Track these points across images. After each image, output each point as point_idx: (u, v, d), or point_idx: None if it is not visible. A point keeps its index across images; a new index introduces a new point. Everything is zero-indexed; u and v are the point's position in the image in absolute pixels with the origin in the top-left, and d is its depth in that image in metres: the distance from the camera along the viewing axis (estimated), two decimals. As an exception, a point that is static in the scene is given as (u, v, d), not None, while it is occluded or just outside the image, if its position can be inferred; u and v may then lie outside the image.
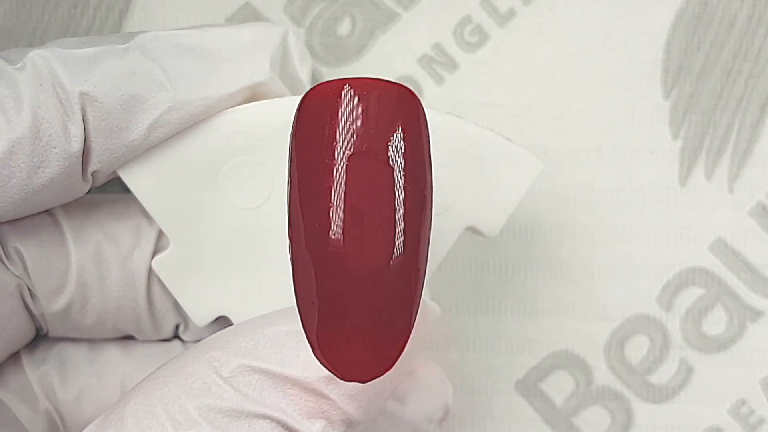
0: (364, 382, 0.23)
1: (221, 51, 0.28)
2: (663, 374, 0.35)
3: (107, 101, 0.26)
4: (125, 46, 0.27)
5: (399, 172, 0.22)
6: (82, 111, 0.26)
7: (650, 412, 0.35)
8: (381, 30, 0.35)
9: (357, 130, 0.22)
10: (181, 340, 0.31)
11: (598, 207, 0.35)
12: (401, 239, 0.22)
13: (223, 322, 0.29)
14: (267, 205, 0.28)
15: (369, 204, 0.22)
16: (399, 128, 0.22)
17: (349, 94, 0.22)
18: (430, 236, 0.23)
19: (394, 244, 0.22)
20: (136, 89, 0.27)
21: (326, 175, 0.22)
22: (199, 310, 0.29)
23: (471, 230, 0.30)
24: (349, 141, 0.22)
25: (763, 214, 0.35)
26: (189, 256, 0.29)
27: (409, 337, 0.23)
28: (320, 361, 0.23)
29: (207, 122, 0.28)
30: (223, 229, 0.29)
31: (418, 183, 0.23)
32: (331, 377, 0.25)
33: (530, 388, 0.35)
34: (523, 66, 0.35)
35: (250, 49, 0.28)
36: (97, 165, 0.27)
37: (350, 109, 0.22)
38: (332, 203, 0.22)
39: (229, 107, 0.28)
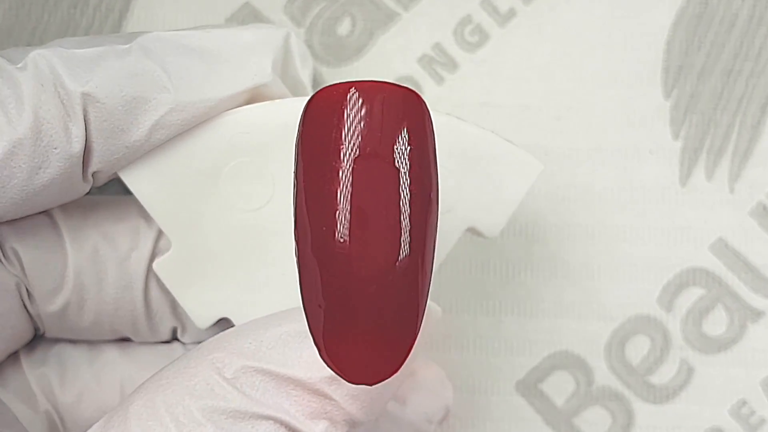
0: (371, 385, 0.23)
1: (223, 52, 0.28)
2: (663, 375, 0.35)
3: (109, 102, 0.26)
4: (127, 46, 0.27)
5: (405, 175, 0.22)
6: (84, 111, 0.26)
7: (651, 412, 0.35)
8: (381, 30, 0.35)
9: (363, 133, 0.22)
10: (181, 342, 0.31)
11: (599, 207, 0.35)
12: (407, 241, 0.22)
13: (223, 324, 0.29)
14: (268, 207, 0.28)
15: (375, 206, 0.22)
16: (405, 131, 0.22)
17: (355, 96, 0.22)
18: (436, 238, 0.23)
19: (400, 246, 0.22)
20: (137, 90, 0.27)
21: (332, 178, 0.22)
22: (201, 312, 0.29)
23: (472, 231, 0.30)
24: (355, 143, 0.22)
25: (764, 214, 0.35)
26: (190, 257, 0.29)
27: (415, 340, 0.23)
28: (327, 364, 0.23)
29: (208, 123, 0.28)
30: (225, 231, 0.29)
31: (424, 185, 0.23)
32: (334, 378, 0.25)
33: (531, 388, 0.35)
34: (524, 66, 0.35)
35: (252, 50, 0.28)
36: (98, 166, 0.27)
37: (356, 112, 0.22)
38: (338, 205, 0.22)
39: (231, 108, 0.28)
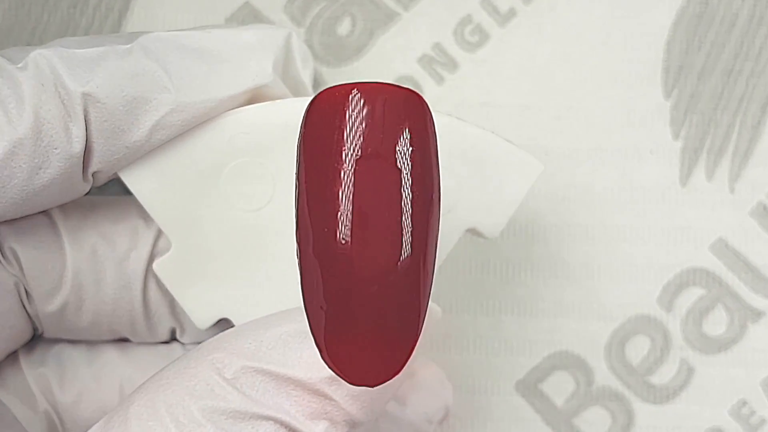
0: (373, 386, 0.23)
1: (224, 53, 0.28)
2: (664, 375, 0.35)
3: (110, 102, 0.26)
4: (128, 46, 0.27)
5: (407, 175, 0.22)
6: (84, 112, 0.26)
7: (651, 412, 0.35)
8: (381, 30, 0.35)
9: (365, 134, 0.22)
10: (180, 343, 0.31)
11: (599, 207, 0.35)
12: (409, 242, 0.22)
13: (223, 325, 0.29)
14: (269, 207, 0.28)
15: (377, 207, 0.22)
16: (406, 131, 0.22)
17: (357, 97, 0.22)
18: (438, 239, 0.23)
19: (401, 247, 0.22)
20: (138, 90, 0.26)
21: (334, 179, 0.22)
22: (201, 313, 0.29)
23: (472, 232, 0.30)
24: (357, 144, 0.22)
25: (764, 215, 0.35)
26: (190, 258, 0.29)
27: (417, 341, 0.23)
28: (328, 365, 0.23)
29: (209, 124, 0.28)
30: (225, 231, 0.29)
31: (426, 186, 0.23)
32: (334, 378, 0.25)
33: (531, 388, 0.35)
34: (524, 66, 0.35)
35: (253, 51, 0.28)
36: (98, 166, 0.27)
37: (357, 113, 0.22)
38: (340, 206, 0.22)
39: (231, 109, 0.28)
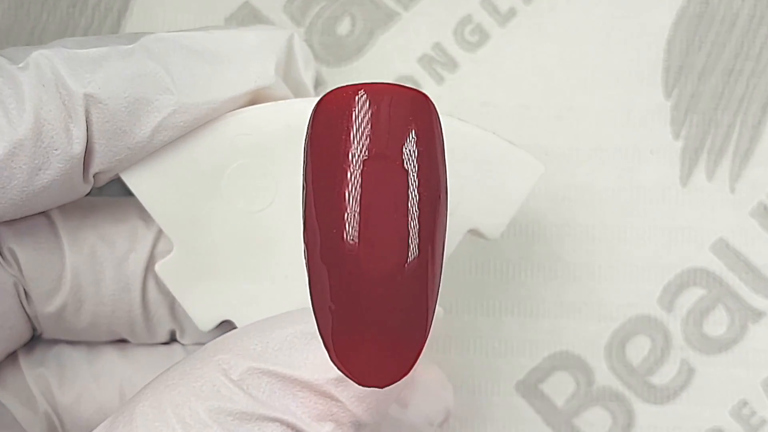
0: (382, 387, 0.23)
1: (226, 54, 0.28)
2: (664, 375, 0.35)
3: (111, 103, 0.26)
4: (130, 47, 0.27)
5: (413, 176, 0.22)
6: (86, 113, 0.26)
7: (651, 413, 0.35)
8: (381, 29, 0.35)
9: (371, 135, 0.22)
10: (181, 344, 0.31)
11: (599, 207, 0.35)
12: (416, 243, 0.22)
13: (225, 327, 0.29)
14: (271, 208, 0.28)
15: (384, 208, 0.22)
16: (413, 132, 0.22)
17: (363, 98, 0.22)
18: (445, 240, 0.23)
19: (408, 248, 0.22)
20: (140, 91, 0.26)
21: (341, 180, 0.22)
22: (203, 315, 0.29)
23: (473, 233, 0.30)
24: (364, 145, 0.22)
25: (765, 215, 0.35)
26: (192, 260, 0.29)
27: (425, 342, 0.23)
28: (337, 366, 0.23)
29: (211, 125, 0.28)
30: (227, 233, 0.29)
31: (433, 187, 0.23)
32: (340, 379, 0.25)
33: (531, 389, 0.35)
34: (524, 66, 0.35)
35: (255, 52, 0.28)
36: (100, 167, 0.27)
37: (364, 114, 0.22)
38: (347, 207, 0.22)
39: (233, 110, 0.28)
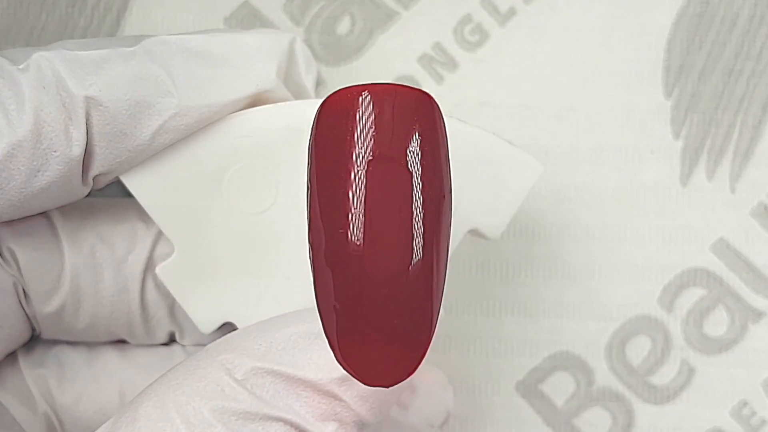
0: (387, 387, 0.23)
1: (228, 57, 0.28)
2: (664, 375, 0.35)
3: (112, 106, 0.26)
4: (132, 49, 0.27)
5: (417, 177, 0.22)
6: (86, 115, 0.26)
7: (651, 413, 0.35)
8: (381, 29, 0.35)
9: (376, 136, 0.22)
10: (181, 345, 0.31)
11: (599, 207, 0.35)
12: (420, 245, 0.22)
13: (226, 329, 0.29)
14: (272, 210, 0.28)
15: (388, 209, 0.22)
16: (417, 133, 0.22)
17: (367, 99, 0.22)
18: (449, 240, 0.23)
19: (412, 249, 0.22)
20: (141, 94, 0.26)
21: (346, 180, 0.22)
22: (204, 317, 0.29)
23: (473, 233, 0.30)
24: (369, 146, 0.22)
25: (765, 215, 0.35)
26: (193, 262, 0.29)
27: (430, 342, 0.23)
28: (342, 366, 0.23)
29: (211, 127, 0.28)
30: (228, 235, 0.28)
31: (437, 188, 0.23)
32: (344, 379, 0.25)
33: (531, 389, 0.35)
34: (524, 65, 0.35)
35: (256, 55, 0.28)
36: (100, 169, 0.27)
37: (368, 115, 0.22)
38: (352, 208, 0.22)
39: (234, 112, 0.28)
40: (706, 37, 0.35)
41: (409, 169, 0.22)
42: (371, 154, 0.22)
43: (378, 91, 0.22)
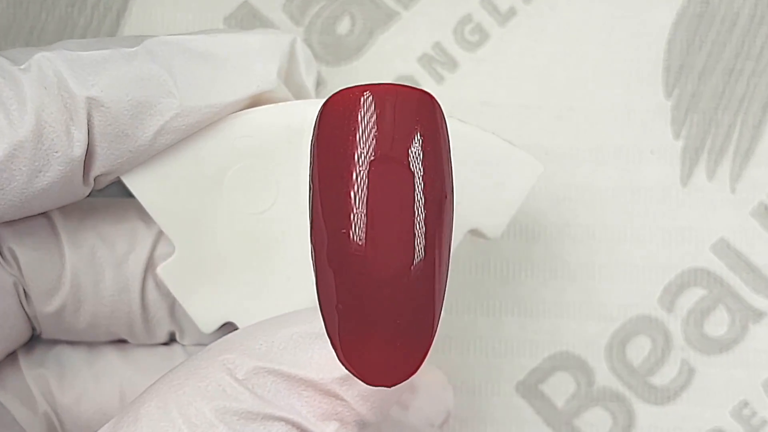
0: (390, 386, 0.23)
1: (229, 57, 0.28)
2: (664, 375, 0.35)
3: (114, 106, 0.26)
4: (133, 50, 0.27)
5: (419, 177, 0.22)
6: (88, 116, 0.26)
7: (652, 413, 0.35)
8: (381, 29, 0.35)
9: (378, 136, 0.22)
10: (181, 345, 0.31)
11: (599, 207, 0.35)
12: (422, 245, 0.22)
13: (226, 329, 0.29)
14: (273, 210, 0.28)
15: (390, 209, 0.22)
16: (419, 133, 0.23)
17: (369, 100, 0.22)
18: (451, 241, 0.23)
19: (414, 250, 0.22)
20: (143, 95, 0.26)
21: (348, 181, 0.22)
22: (205, 317, 0.29)
23: (473, 233, 0.30)
24: (370, 146, 0.22)
25: (766, 215, 0.35)
26: (194, 262, 0.29)
27: (432, 342, 0.23)
28: (345, 365, 0.23)
29: (212, 127, 0.28)
30: (229, 235, 0.28)
31: (439, 188, 0.23)
32: (345, 378, 0.25)
33: (531, 389, 0.35)
34: (524, 65, 0.35)
35: (257, 56, 0.28)
36: (101, 170, 0.27)
37: (371, 115, 0.22)
38: (354, 208, 0.22)
39: (234, 112, 0.28)
40: (706, 37, 0.35)
41: (410, 170, 0.22)
42: (373, 154, 0.22)
43: (380, 91, 0.22)
